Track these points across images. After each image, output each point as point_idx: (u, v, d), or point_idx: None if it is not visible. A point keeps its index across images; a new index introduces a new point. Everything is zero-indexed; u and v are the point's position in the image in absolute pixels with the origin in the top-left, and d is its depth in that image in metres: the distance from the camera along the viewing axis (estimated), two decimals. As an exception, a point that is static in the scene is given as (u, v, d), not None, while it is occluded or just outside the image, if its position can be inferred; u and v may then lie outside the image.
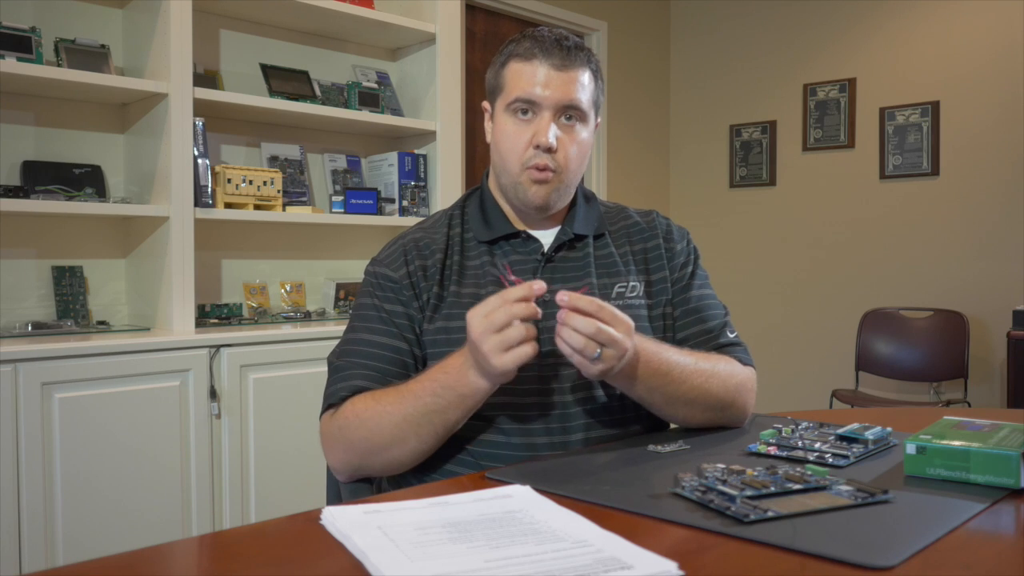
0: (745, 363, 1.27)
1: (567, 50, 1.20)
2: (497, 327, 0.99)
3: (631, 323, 1.04)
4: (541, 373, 1.19)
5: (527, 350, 1.00)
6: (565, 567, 0.68)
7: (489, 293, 1.21)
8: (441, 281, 1.24)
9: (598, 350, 1.01)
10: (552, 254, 1.27)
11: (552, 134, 1.19)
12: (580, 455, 1.11)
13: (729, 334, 1.30)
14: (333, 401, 1.18)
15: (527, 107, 1.21)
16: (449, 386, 1.06)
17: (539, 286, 1.00)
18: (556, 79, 1.19)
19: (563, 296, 1.01)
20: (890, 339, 3.91)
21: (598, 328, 1.00)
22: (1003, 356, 3.65)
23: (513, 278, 1.05)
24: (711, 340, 1.28)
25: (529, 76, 1.20)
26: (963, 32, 3.86)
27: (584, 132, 1.24)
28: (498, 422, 1.17)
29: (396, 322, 1.21)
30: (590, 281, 1.25)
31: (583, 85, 1.22)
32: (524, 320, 1.00)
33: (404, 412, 1.09)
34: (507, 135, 1.22)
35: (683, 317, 1.29)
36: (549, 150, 1.20)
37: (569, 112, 1.21)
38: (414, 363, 1.21)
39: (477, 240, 1.28)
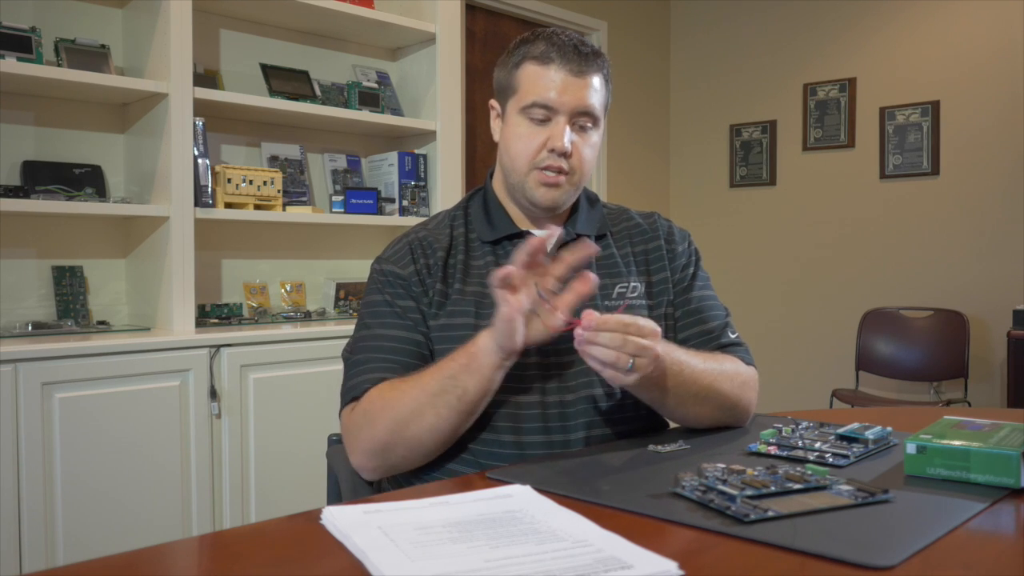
0: (747, 363, 1.27)
1: (584, 56, 1.21)
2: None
3: (657, 328, 1.03)
4: (542, 373, 1.19)
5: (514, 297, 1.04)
6: (565, 567, 0.68)
7: (489, 291, 1.22)
8: (444, 279, 1.24)
9: (631, 361, 1.00)
10: (554, 253, 1.27)
11: (568, 139, 1.20)
12: (580, 455, 1.11)
13: (731, 335, 1.30)
14: (356, 394, 1.17)
15: (543, 112, 1.21)
16: (462, 349, 1.09)
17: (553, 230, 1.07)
18: (573, 85, 1.20)
19: (588, 322, 1.00)
20: (890, 339, 3.91)
21: (625, 339, 0.99)
22: (1003, 356, 3.65)
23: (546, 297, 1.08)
24: (712, 340, 1.28)
25: (546, 80, 1.20)
26: (963, 32, 3.86)
27: (595, 135, 1.25)
28: (499, 421, 1.17)
29: (411, 316, 1.22)
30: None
31: (596, 90, 1.23)
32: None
33: (423, 384, 1.10)
34: (520, 137, 1.23)
35: (684, 318, 1.30)
36: (564, 154, 1.21)
37: (583, 117, 1.22)
38: (430, 354, 1.21)
39: (481, 240, 1.28)
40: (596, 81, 1.22)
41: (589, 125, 1.23)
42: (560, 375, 1.19)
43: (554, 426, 1.18)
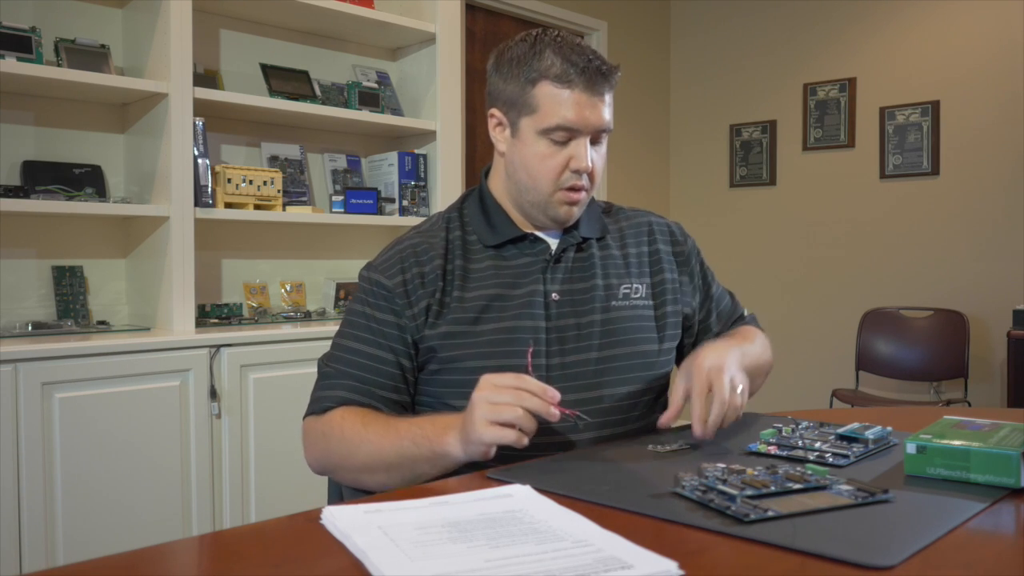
0: (762, 330, 1.45)
1: (603, 75, 1.20)
2: (498, 401, 0.98)
3: (735, 379, 1.11)
4: (549, 372, 1.20)
5: (511, 435, 0.98)
6: (565, 567, 0.68)
7: (493, 296, 1.22)
8: (443, 287, 1.23)
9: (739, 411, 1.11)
10: (559, 255, 1.28)
11: (590, 158, 1.21)
12: (580, 455, 1.11)
13: (743, 312, 1.46)
14: (315, 409, 1.21)
15: (566, 134, 1.20)
16: (428, 438, 1.06)
17: (552, 394, 1.00)
18: (594, 105, 1.20)
19: (705, 432, 1.08)
20: (890, 339, 3.91)
21: (726, 410, 1.09)
22: (1003, 356, 3.65)
23: (530, 369, 1.08)
24: (732, 323, 1.43)
25: (568, 103, 1.18)
26: (963, 32, 3.86)
27: (605, 145, 1.27)
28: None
29: (385, 332, 1.21)
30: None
31: (610, 105, 1.23)
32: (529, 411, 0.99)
33: (382, 447, 1.09)
34: (541, 157, 1.21)
35: (708, 317, 1.40)
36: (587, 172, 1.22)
37: (601, 134, 1.23)
38: (401, 373, 1.21)
39: (483, 244, 1.27)
40: (610, 96, 1.23)
41: (603, 138, 1.25)
42: (565, 374, 1.20)
43: (557, 426, 1.18)
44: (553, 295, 1.24)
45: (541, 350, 1.20)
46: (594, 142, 1.23)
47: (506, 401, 0.98)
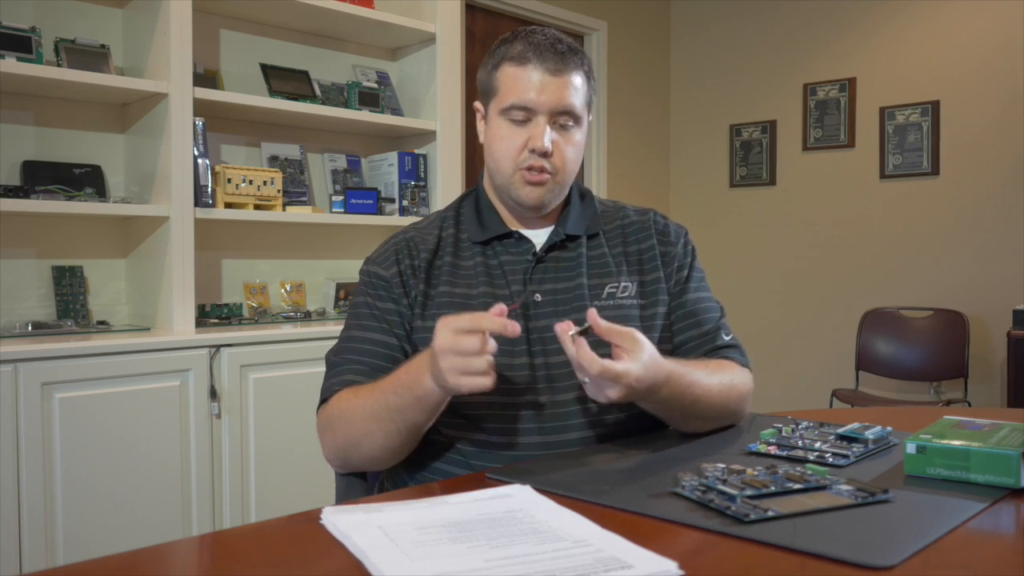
0: (743, 364, 1.28)
1: (561, 54, 1.20)
2: (460, 350, 0.98)
3: (640, 344, 1.03)
4: (534, 372, 1.19)
5: (484, 382, 0.98)
6: (565, 567, 0.68)
7: (480, 294, 1.22)
8: (428, 280, 1.24)
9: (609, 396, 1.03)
10: (543, 254, 1.27)
11: (548, 139, 1.20)
12: (580, 455, 1.11)
13: (725, 336, 1.30)
14: (324, 397, 1.21)
15: (523, 113, 1.20)
16: (407, 386, 1.07)
17: (513, 328, 0.99)
18: (551, 84, 1.19)
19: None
20: (890, 339, 3.91)
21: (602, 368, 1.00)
22: (1003, 356, 3.65)
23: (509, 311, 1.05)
24: (708, 343, 1.28)
25: (524, 81, 1.20)
26: (963, 32, 3.86)
27: (578, 134, 1.25)
28: (491, 421, 1.17)
29: (387, 319, 1.23)
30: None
31: (576, 88, 1.22)
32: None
33: (371, 407, 1.11)
34: (501, 138, 1.23)
35: (679, 320, 1.29)
36: (545, 154, 1.20)
37: (563, 116, 1.21)
38: (405, 357, 1.22)
39: (472, 240, 1.28)
40: (575, 79, 1.22)
41: (571, 124, 1.22)
42: (550, 375, 1.19)
43: (549, 427, 1.18)
44: (536, 296, 1.24)
45: (523, 348, 1.20)
46: (559, 127, 1.21)
47: (468, 349, 0.97)
